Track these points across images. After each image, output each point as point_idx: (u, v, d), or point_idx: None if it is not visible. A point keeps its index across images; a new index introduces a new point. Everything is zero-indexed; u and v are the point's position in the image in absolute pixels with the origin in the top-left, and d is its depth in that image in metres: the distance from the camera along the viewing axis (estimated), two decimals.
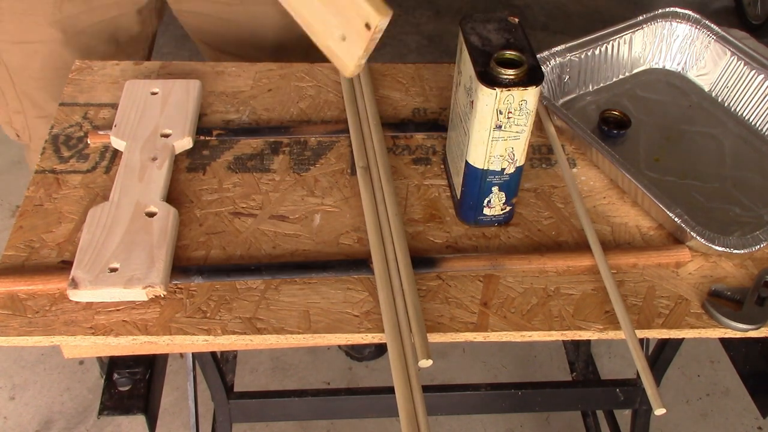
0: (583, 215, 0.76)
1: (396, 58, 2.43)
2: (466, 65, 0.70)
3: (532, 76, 0.66)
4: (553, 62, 0.90)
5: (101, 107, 0.89)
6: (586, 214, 0.76)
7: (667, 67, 0.97)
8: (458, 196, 0.77)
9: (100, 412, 1.34)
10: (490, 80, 0.65)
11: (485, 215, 0.76)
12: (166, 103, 0.87)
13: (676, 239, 0.76)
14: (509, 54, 0.67)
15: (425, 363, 0.63)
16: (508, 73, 0.65)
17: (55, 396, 1.52)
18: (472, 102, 0.67)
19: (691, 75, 0.95)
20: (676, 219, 0.73)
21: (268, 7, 1.07)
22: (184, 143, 0.84)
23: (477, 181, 0.73)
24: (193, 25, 1.13)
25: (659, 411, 0.63)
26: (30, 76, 1.04)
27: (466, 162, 0.72)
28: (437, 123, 0.89)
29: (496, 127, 0.67)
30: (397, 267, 0.71)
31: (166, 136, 0.83)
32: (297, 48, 1.14)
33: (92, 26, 1.03)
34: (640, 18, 0.94)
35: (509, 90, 0.65)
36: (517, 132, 0.68)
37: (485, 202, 0.74)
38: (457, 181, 0.76)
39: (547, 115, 0.86)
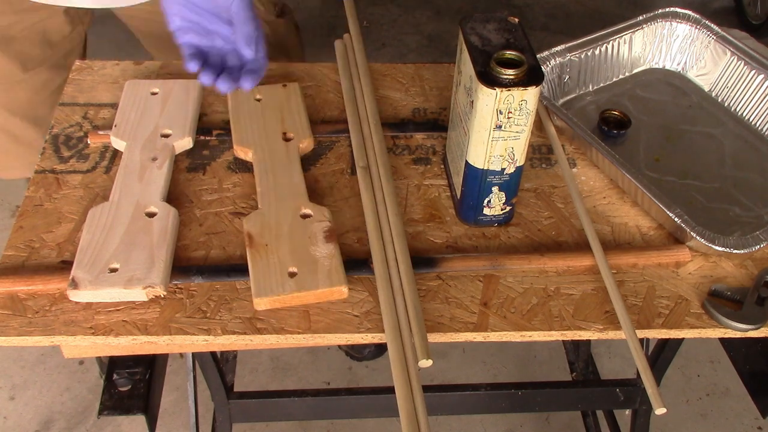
0: (583, 215, 0.76)
1: (396, 58, 2.43)
2: (466, 65, 0.70)
3: (532, 76, 0.66)
4: (553, 62, 0.90)
5: (101, 107, 0.89)
6: (586, 214, 0.76)
7: (667, 67, 0.97)
8: (458, 196, 0.77)
9: (100, 412, 1.34)
10: (490, 80, 0.65)
11: (485, 215, 0.76)
12: (166, 103, 0.87)
13: (676, 239, 0.76)
14: (509, 54, 0.67)
15: (425, 363, 0.63)
16: (508, 73, 0.65)
17: (55, 396, 1.52)
18: (472, 102, 0.67)
19: (691, 75, 0.95)
20: (675, 219, 0.73)
21: None
22: (184, 143, 0.84)
23: (477, 181, 0.73)
24: (137, 27, 1.13)
25: (660, 411, 0.63)
26: None
27: (466, 162, 0.72)
28: (437, 123, 0.89)
29: (496, 127, 0.67)
30: (397, 267, 0.71)
31: (166, 136, 0.83)
32: None
33: (22, 32, 1.02)
34: (640, 18, 0.94)
35: (509, 90, 0.65)
36: (517, 132, 0.68)
37: (485, 202, 0.74)
38: (457, 181, 0.76)
39: (547, 115, 0.86)
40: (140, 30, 1.14)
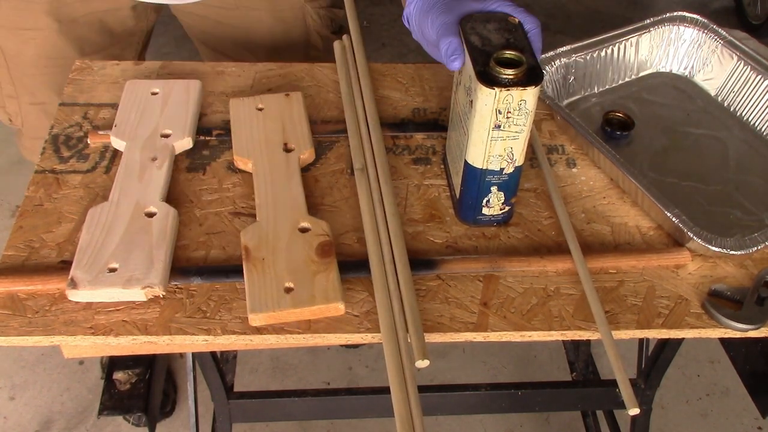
0: (562, 215, 0.77)
1: (396, 58, 2.43)
2: (465, 65, 0.70)
3: (531, 76, 0.66)
4: (558, 63, 0.90)
5: (101, 107, 0.89)
6: (566, 214, 0.77)
7: (674, 71, 0.97)
8: (457, 196, 0.77)
9: (100, 412, 1.35)
10: (490, 80, 0.65)
11: (484, 215, 0.76)
12: (166, 103, 0.87)
13: (676, 241, 0.76)
14: (509, 54, 0.67)
15: (422, 363, 0.63)
16: (508, 73, 0.65)
17: (55, 396, 1.52)
18: (472, 101, 0.67)
19: (698, 79, 0.95)
20: (674, 219, 0.72)
21: (263, 12, 1.09)
22: (184, 143, 0.84)
23: (475, 180, 0.73)
24: (191, 25, 1.14)
25: (633, 411, 0.63)
26: (24, 62, 1.05)
27: (465, 161, 0.72)
28: (437, 123, 0.89)
29: (495, 126, 0.67)
30: (394, 268, 0.71)
31: (166, 136, 0.83)
32: (291, 51, 1.14)
33: (86, 16, 1.03)
34: (648, 21, 0.94)
35: (508, 90, 0.65)
36: (516, 132, 0.68)
37: (484, 201, 0.74)
38: (457, 181, 0.76)
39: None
40: (191, 27, 1.15)
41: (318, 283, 0.69)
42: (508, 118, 0.67)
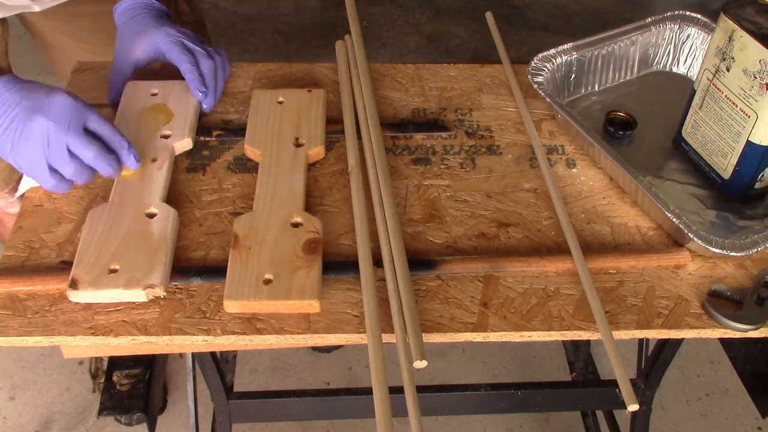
0: (562, 215, 0.77)
1: (396, 58, 2.43)
2: (746, 51, 0.72)
3: None
4: (558, 60, 0.90)
5: (101, 108, 0.89)
6: (566, 215, 0.77)
7: (674, 70, 0.97)
8: (726, 176, 0.79)
9: (100, 412, 1.35)
10: None
11: (756, 189, 0.79)
12: (166, 104, 0.87)
13: (676, 241, 0.76)
14: None
15: (420, 364, 0.63)
16: None
17: (55, 396, 1.52)
18: (766, 84, 0.71)
19: None
20: (674, 220, 0.72)
21: None
22: (184, 144, 0.84)
23: (757, 158, 0.76)
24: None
25: (632, 407, 0.64)
26: None
27: (750, 141, 0.75)
28: (437, 123, 0.89)
29: None
30: (393, 268, 0.71)
31: (166, 137, 0.83)
32: None
33: None
34: (648, 20, 0.94)
35: None
36: None
37: (759, 176, 0.78)
38: (721, 160, 0.79)
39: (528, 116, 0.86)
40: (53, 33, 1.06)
41: (297, 279, 0.69)
42: None
